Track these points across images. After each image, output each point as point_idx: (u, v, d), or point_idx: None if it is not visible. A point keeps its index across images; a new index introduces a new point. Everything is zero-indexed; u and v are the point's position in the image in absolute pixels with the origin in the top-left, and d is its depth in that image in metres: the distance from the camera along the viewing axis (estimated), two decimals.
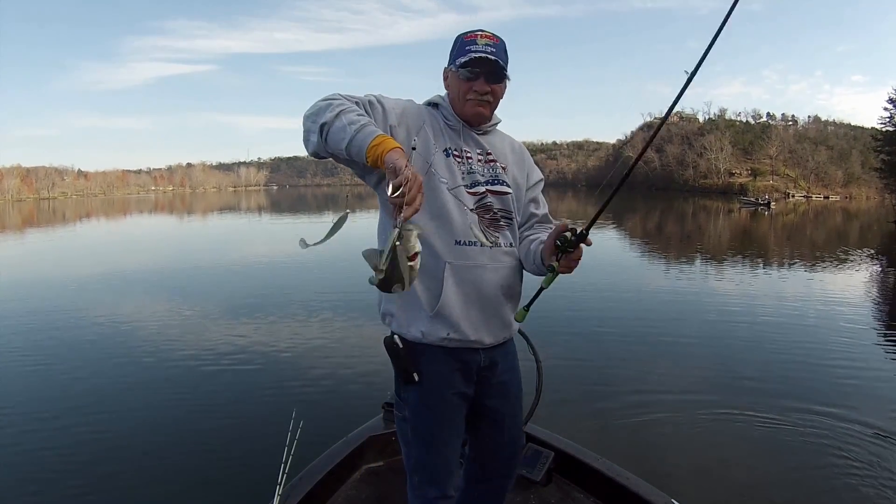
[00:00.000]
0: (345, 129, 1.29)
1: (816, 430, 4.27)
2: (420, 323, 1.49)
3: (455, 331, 1.49)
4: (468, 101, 1.51)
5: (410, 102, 1.56)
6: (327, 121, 1.31)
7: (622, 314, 7.95)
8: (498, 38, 1.50)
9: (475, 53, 1.45)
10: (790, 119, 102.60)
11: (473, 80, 1.48)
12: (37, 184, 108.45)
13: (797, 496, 3.47)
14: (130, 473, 3.74)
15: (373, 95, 1.48)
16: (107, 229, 29.69)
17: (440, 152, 1.51)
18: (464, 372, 1.55)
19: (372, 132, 1.27)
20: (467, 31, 1.51)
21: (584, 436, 3.63)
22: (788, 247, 16.82)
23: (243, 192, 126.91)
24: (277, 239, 20.93)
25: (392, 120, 1.45)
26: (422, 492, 1.58)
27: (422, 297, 1.48)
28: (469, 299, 1.49)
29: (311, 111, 1.37)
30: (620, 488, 2.22)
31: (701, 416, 4.53)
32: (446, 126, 1.55)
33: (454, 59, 1.50)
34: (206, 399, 4.98)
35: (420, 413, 1.54)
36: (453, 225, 1.48)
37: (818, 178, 77.86)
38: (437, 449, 1.56)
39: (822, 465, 3.79)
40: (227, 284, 10.88)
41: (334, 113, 1.32)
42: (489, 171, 1.56)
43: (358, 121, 1.29)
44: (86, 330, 7.37)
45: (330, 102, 1.36)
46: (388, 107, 1.46)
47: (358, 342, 6.57)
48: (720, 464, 3.82)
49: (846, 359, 6.00)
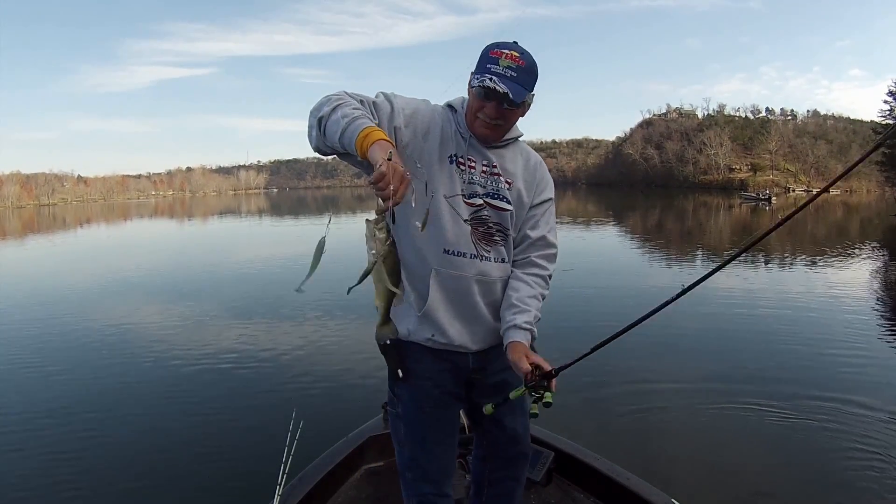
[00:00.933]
0: (338, 121, 1.30)
1: (818, 428, 4.26)
2: (408, 321, 1.51)
3: (440, 334, 1.51)
4: (477, 120, 1.46)
5: (425, 103, 1.53)
6: (324, 115, 1.33)
7: (622, 313, 7.93)
8: (524, 58, 1.41)
9: (489, 80, 1.37)
10: (789, 114, 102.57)
11: (485, 102, 1.42)
12: (36, 190, 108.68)
13: (798, 494, 3.47)
14: (131, 474, 3.75)
15: (383, 94, 1.47)
16: (107, 234, 29.72)
17: (444, 158, 1.48)
18: (453, 372, 1.56)
19: (361, 125, 1.27)
20: (497, 44, 1.43)
21: (584, 436, 3.62)
22: (790, 241, 16.80)
23: (243, 196, 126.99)
24: (277, 241, 20.95)
25: (399, 121, 1.43)
26: (415, 489, 1.59)
27: (411, 297, 1.50)
28: (453, 306, 1.50)
29: (314, 107, 1.38)
30: (620, 488, 2.22)
31: (701, 416, 4.53)
32: (458, 133, 1.51)
33: (475, 71, 1.43)
34: (207, 400, 4.99)
35: (411, 410, 1.57)
36: (444, 233, 1.47)
37: (818, 172, 77.74)
38: (429, 447, 1.58)
39: (823, 462, 3.78)
40: (226, 287, 10.89)
41: (332, 107, 1.33)
42: (491, 183, 1.51)
43: (351, 114, 1.30)
44: (86, 333, 7.38)
45: (329, 97, 1.37)
46: (397, 107, 1.44)
47: (358, 342, 6.56)
48: (720, 463, 3.81)
49: (851, 356, 5.96)
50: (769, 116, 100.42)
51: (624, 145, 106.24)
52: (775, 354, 5.96)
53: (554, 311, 7.30)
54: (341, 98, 1.36)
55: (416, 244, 1.46)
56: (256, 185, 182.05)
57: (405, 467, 1.61)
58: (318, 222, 29.70)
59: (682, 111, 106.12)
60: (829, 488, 3.51)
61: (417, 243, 1.46)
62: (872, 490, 3.42)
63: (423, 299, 1.49)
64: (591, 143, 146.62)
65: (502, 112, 1.43)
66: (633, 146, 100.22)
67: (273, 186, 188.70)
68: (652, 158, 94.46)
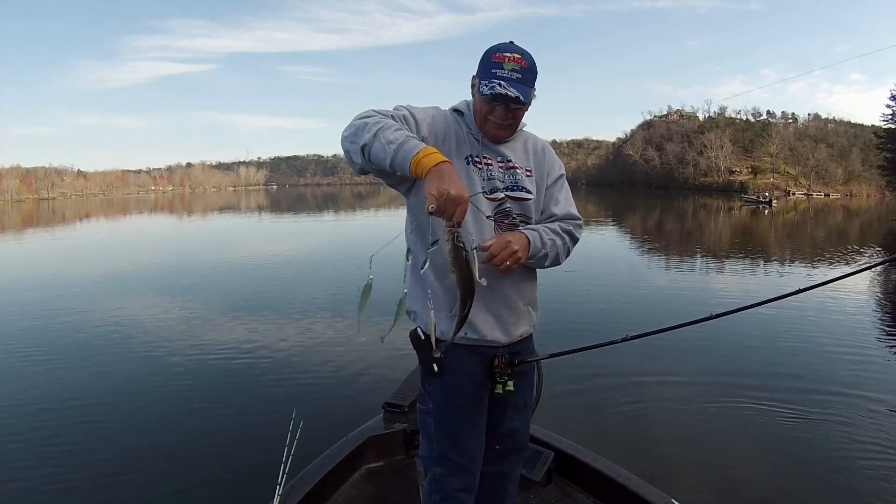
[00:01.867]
0: (384, 148, 1.32)
1: (818, 428, 4.27)
2: (440, 322, 1.53)
3: (473, 331, 1.55)
4: (488, 122, 1.54)
5: (437, 111, 1.58)
6: (367, 142, 1.35)
7: (622, 312, 7.94)
8: (526, 59, 1.48)
9: (498, 85, 1.44)
10: (790, 117, 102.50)
11: (495, 105, 1.50)
12: (36, 184, 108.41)
13: (798, 494, 3.48)
14: (130, 473, 3.74)
15: (404, 108, 1.51)
16: (107, 229, 29.68)
17: (461, 160, 1.55)
18: (484, 365, 1.61)
19: (412, 149, 1.30)
20: (497, 47, 1.49)
21: (583, 436, 3.63)
22: (789, 245, 16.83)
23: (243, 192, 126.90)
24: (277, 239, 20.93)
25: (424, 131, 1.49)
26: (443, 484, 1.61)
27: (442, 299, 1.54)
28: (485, 303, 1.55)
29: (349, 132, 1.39)
30: (620, 488, 2.22)
31: (702, 416, 4.54)
32: (469, 134, 1.58)
33: (480, 77, 1.49)
34: (207, 399, 4.99)
35: (443, 405, 1.60)
36: (470, 232, 1.50)
37: (818, 175, 77.67)
38: (461, 441, 1.61)
39: (824, 462, 3.79)
40: (226, 285, 10.87)
41: (372, 133, 1.34)
42: (510, 177, 1.59)
43: (397, 139, 1.32)
44: (85, 330, 7.37)
45: (366, 122, 1.37)
46: (419, 119, 1.50)
47: (358, 342, 6.56)
48: (721, 463, 3.82)
49: (851, 356, 5.98)
50: (770, 119, 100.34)
51: (624, 146, 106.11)
52: (775, 354, 5.97)
53: (554, 310, 7.30)
54: (378, 122, 1.36)
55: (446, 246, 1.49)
56: (256, 181, 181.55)
57: (434, 463, 1.63)
58: (319, 219, 29.73)
59: (683, 113, 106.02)
60: (830, 488, 3.52)
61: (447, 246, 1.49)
62: (873, 490, 3.43)
63: (455, 300, 1.50)
64: (591, 143, 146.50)
65: (512, 113, 1.51)
66: (634, 147, 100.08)
67: (273, 183, 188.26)
68: (652, 160, 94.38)
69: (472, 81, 1.56)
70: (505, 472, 1.78)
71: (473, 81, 1.55)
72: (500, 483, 1.78)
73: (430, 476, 1.64)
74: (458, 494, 1.61)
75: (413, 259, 1.63)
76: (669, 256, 15.09)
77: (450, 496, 1.61)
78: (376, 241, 1.60)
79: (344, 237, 19.95)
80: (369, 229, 22.93)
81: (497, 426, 1.69)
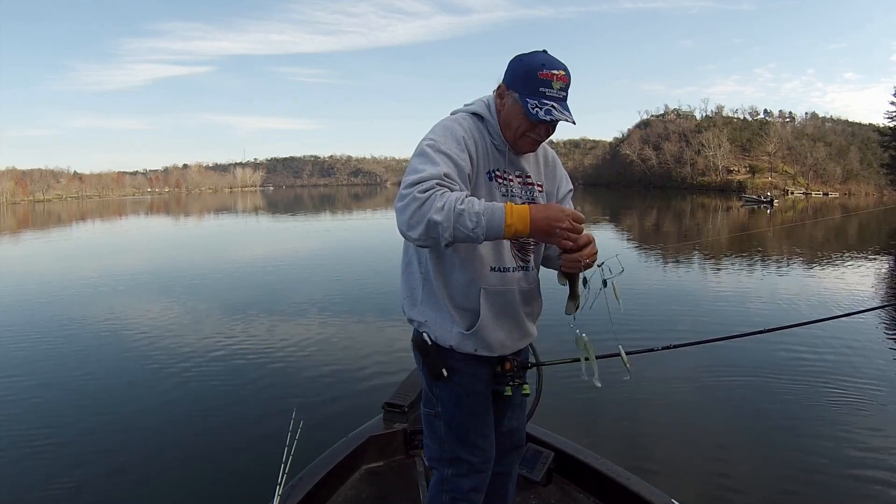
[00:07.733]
0: (468, 237, 1.27)
1: (819, 428, 4.27)
2: (451, 338, 1.51)
3: (484, 347, 1.54)
4: (525, 138, 1.47)
5: (461, 129, 1.44)
6: (448, 240, 1.27)
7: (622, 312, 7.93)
8: (568, 74, 1.42)
9: (553, 108, 1.38)
10: (787, 116, 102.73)
11: (541, 125, 1.43)
12: (31, 186, 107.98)
13: (799, 493, 3.48)
14: (130, 473, 3.73)
15: (444, 157, 1.35)
16: (102, 231, 29.60)
17: (482, 174, 1.48)
18: (491, 366, 1.61)
19: (499, 220, 1.27)
20: (541, 62, 1.40)
21: (584, 436, 3.63)
22: (788, 243, 16.87)
23: (239, 193, 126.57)
24: (275, 239, 20.91)
25: (468, 168, 1.41)
26: (455, 485, 1.61)
27: (456, 317, 1.51)
28: (499, 321, 1.54)
29: (414, 218, 1.25)
30: (620, 488, 2.22)
31: (702, 416, 4.54)
32: (492, 146, 1.50)
33: (524, 93, 1.39)
34: (206, 399, 4.98)
35: (454, 408, 1.58)
36: (489, 251, 1.49)
37: (817, 174, 77.79)
38: (474, 441, 1.60)
39: (824, 461, 3.78)
40: (226, 285, 10.85)
41: (451, 222, 1.23)
42: (527, 193, 1.56)
43: (477, 221, 1.25)
44: (83, 332, 7.34)
45: (436, 222, 1.23)
46: (460, 161, 1.38)
47: (358, 342, 6.56)
48: (721, 463, 3.82)
49: (852, 355, 5.96)
50: (767, 118, 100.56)
51: (621, 146, 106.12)
52: (776, 354, 5.96)
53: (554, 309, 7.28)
54: (444, 206, 1.24)
55: (464, 266, 1.48)
56: (252, 182, 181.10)
57: (445, 464, 1.63)
58: (315, 220, 29.68)
59: (680, 112, 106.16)
60: (831, 488, 3.51)
61: (464, 265, 1.48)
62: (874, 489, 3.43)
63: (470, 318, 1.51)
64: (588, 143, 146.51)
65: (553, 129, 1.48)
66: (631, 147, 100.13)
67: (269, 184, 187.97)
68: (650, 159, 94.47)
69: (501, 90, 1.46)
70: (505, 471, 1.79)
71: (502, 92, 1.45)
72: (501, 482, 1.78)
73: (439, 476, 1.64)
74: (471, 495, 1.61)
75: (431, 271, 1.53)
76: (669, 256, 15.11)
77: (462, 497, 1.61)
78: (376, 241, 1.59)
79: (342, 239, 20.04)
80: (362, 231, 23.11)
81: (497, 426, 1.70)
